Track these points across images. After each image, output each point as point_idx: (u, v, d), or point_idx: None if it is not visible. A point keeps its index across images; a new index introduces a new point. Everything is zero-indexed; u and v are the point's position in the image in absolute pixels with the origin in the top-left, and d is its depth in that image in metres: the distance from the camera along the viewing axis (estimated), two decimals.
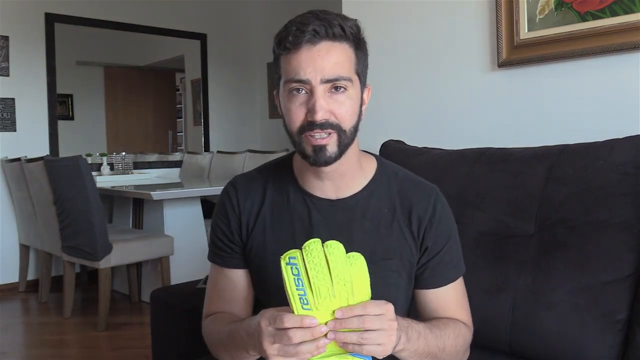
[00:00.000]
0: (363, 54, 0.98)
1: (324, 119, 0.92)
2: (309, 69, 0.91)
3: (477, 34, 1.82)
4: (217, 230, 1.09)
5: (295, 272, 0.80)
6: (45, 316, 3.72)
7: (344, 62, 0.93)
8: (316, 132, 0.92)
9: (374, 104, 1.08)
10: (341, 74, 0.92)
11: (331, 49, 0.92)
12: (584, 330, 1.18)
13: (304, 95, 0.93)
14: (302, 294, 0.79)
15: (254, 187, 1.08)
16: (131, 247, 3.43)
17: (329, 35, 0.92)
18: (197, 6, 5.36)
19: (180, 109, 5.74)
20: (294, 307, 0.80)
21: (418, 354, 0.91)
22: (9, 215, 4.28)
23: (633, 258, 1.19)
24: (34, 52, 4.41)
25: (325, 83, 0.91)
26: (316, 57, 0.91)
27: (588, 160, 1.30)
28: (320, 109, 0.91)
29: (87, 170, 3.21)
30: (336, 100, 0.93)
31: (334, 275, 0.80)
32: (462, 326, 1.06)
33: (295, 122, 0.94)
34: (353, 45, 0.95)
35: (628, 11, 1.49)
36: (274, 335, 0.80)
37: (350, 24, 0.95)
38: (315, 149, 0.93)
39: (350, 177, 1.03)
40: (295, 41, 0.91)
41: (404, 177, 1.09)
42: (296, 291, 0.79)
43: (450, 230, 1.07)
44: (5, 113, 4.27)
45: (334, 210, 1.03)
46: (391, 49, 2.06)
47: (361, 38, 0.97)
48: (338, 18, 0.94)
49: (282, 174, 1.08)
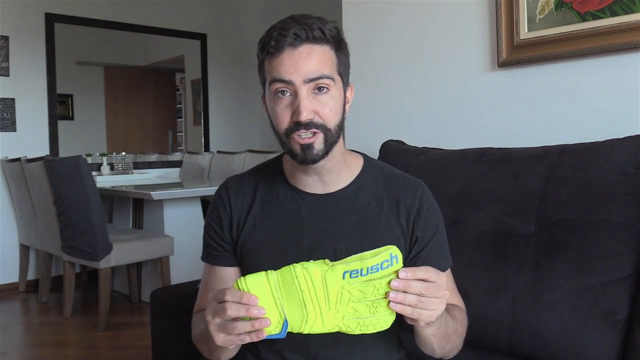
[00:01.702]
0: (344, 55, 1.02)
1: (309, 119, 0.96)
2: (292, 70, 0.95)
3: (477, 34, 1.82)
4: (209, 230, 1.12)
5: (385, 266, 0.84)
6: (45, 316, 3.72)
7: (325, 62, 0.97)
8: (302, 132, 0.96)
9: (374, 104, 1.10)
10: (324, 73, 0.96)
11: (312, 51, 0.96)
12: (584, 330, 1.18)
13: (289, 98, 0.97)
14: (362, 273, 0.83)
15: (245, 187, 1.12)
16: (131, 247, 3.43)
17: (310, 38, 0.96)
18: (197, 6, 5.36)
19: (180, 109, 5.74)
20: (349, 262, 0.83)
21: (439, 331, 0.95)
22: (9, 215, 4.28)
23: (633, 258, 1.19)
24: (34, 52, 4.41)
25: (309, 83, 0.95)
26: (298, 59, 0.95)
27: (588, 160, 1.30)
28: (304, 109, 0.95)
29: (87, 170, 3.21)
30: (320, 100, 0.97)
31: (377, 301, 0.84)
32: (463, 311, 1.11)
33: (281, 124, 0.98)
34: (333, 47, 0.99)
35: (628, 11, 1.49)
36: (215, 310, 0.84)
37: (329, 27, 0.98)
38: (302, 147, 0.97)
39: (336, 172, 1.06)
40: (277, 45, 0.95)
41: (390, 172, 1.13)
42: (363, 265, 0.83)
43: (438, 221, 1.10)
44: (5, 113, 4.27)
45: (323, 205, 1.06)
46: (391, 49, 2.06)
47: (341, 39, 1.01)
48: (318, 22, 0.97)
49: (272, 174, 1.12)
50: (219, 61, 5.55)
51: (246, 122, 5.78)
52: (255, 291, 0.82)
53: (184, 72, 5.64)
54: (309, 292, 0.83)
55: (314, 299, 0.83)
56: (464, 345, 1.08)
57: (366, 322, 0.85)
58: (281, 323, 0.83)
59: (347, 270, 0.82)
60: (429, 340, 0.96)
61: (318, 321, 0.84)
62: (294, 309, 0.83)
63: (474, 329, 1.11)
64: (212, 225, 1.12)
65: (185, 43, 5.39)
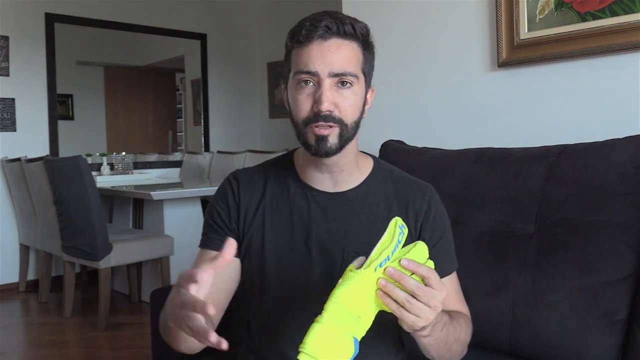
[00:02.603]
0: (370, 56, 1.03)
1: (329, 111, 0.96)
2: (318, 62, 0.95)
3: (477, 34, 1.82)
4: (214, 215, 1.10)
5: (400, 239, 0.82)
6: (45, 316, 3.72)
7: (352, 59, 0.98)
8: (320, 124, 0.96)
9: (374, 104, 1.10)
10: (348, 70, 0.97)
11: (341, 45, 0.97)
12: (584, 330, 1.18)
13: (312, 87, 0.97)
14: (387, 258, 0.80)
15: (254, 181, 1.11)
16: (131, 247, 3.43)
17: (340, 33, 0.97)
18: (197, 6, 5.36)
19: (180, 109, 5.74)
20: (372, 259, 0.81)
21: (438, 342, 0.93)
22: (9, 215, 4.28)
23: (633, 258, 1.19)
24: (34, 52, 4.41)
25: (333, 77, 0.96)
26: (326, 52, 0.96)
27: (588, 160, 1.30)
28: (326, 99, 0.95)
29: (87, 170, 3.22)
30: (341, 94, 0.97)
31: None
32: (468, 319, 1.10)
33: (301, 112, 0.98)
34: (361, 45, 1.00)
35: (628, 11, 1.49)
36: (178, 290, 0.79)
37: (361, 25, 1.00)
38: (317, 138, 0.97)
39: (348, 172, 1.06)
40: (307, 35, 0.96)
41: (399, 175, 1.13)
42: (389, 251, 0.81)
43: (445, 225, 1.10)
44: (5, 113, 4.27)
45: (333, 203, 1.06)
46: (391, 49, 2.06)
47: (370, 41, 1.03)
48: (350, 18, 0.99)
49: (283, 169, 1.11)
50: (219, 61, 5.55)
51: (246, 122, 5.78)
52: (322, 349, 0.78)
53: (184, 72, 5.64)
54: (357, 305, 0.80)
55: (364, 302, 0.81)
56: None
57: None
58: (351, 344, 0.80)
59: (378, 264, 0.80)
60: (425, 347, 0.95)
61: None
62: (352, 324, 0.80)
63: (474, 329, 1.11)
64: (218, 211, 1.09)
65: (185, 43, 5.39)
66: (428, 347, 0.94)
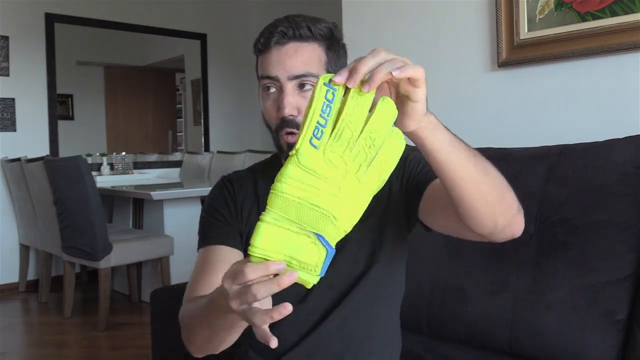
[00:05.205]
0: (335, 54, 1.02)
1: (292, 115, 0.97)
2: (278, 67, 0.97)
3: (477, 34, 1.82)
4: (215, 214, 1.11)
5: (329, 98, 0.66)
6: (45, 316, 3.72)
7: (312, 60, 0.98)
8: (287, 129, 0.98)
9: None
10: (310, 71, 0.97)
11: (299, 48, 0.98)
12: (584, 330, 1.18)
13: (275, 94, 0.99)
14: (321, 124, 0.66)
15: (246, 182, 1.14)
16: (131, 247, 3.43)
17: (297, 36, 0.98)
18: (197, 6, 5.36)
19: (180, 109, 5.74)
20: (303, 133, 0.66)
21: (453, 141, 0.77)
22: (9, 215, 4.28)
23: (633, 258, 1.19)
24: (34, 52, 4.41)
25: (293, 80, 0.97)
26: (284, 57, 0.97)
27: (588, 160, 1.30)
28: (287, 104, 0.96)
29: (87, 170, 3.22)
30: (304, 97, 0.98)
31: (366, 130, 0.66)
32: None
33: (270, 120, 1.01)
34: (324, 45, 1.00)
35: (628, 11, 1.49)
36: (239, 295, 0.69)
37: (320, 26, 1.00)
38: (288, 145, 0.99)
39: None
40: (266, 42, 0.99)
41: None
42: (318, 117, 0.66)
43: (419, 157, 1.05)
44: (5, 113, 4.27)
45: None
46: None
47: (334, 39, 1.02)
48: (307, 20, 0.99)
49: (272, 170, 1.12)
50: (219, 61, 5.55)
51: (246, 122, 5.77)
52: (274, 247, 0.66)
53: (184, 72, 5.64)
54: (307, 191, 0.67)
55: (318, 189, 0.67)
56: (464, 345, 1.08)
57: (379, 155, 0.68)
58: (317, 243, 0.66)
59: (310, 138, 0.67)
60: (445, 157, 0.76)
61: (341, 202, 0.67)
62: (311, 218, 0.67)
63: (474, 329, 1.11)
64: (219, 210, 1.11)
65: (185, 43, 5.39)
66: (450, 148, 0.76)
